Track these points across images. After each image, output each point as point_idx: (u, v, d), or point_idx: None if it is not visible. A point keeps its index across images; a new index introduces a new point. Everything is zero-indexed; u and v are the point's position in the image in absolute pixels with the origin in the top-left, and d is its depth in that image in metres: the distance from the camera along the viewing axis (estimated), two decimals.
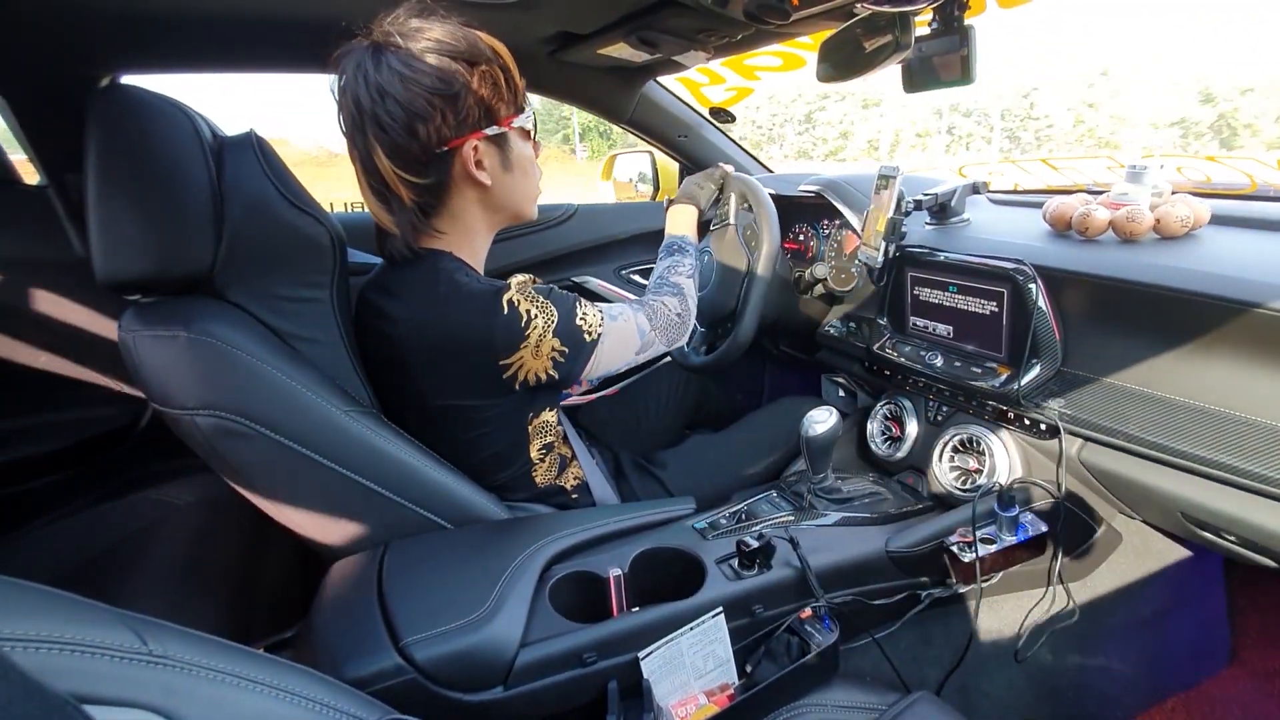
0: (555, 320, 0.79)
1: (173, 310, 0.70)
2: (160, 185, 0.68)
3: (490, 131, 0.78)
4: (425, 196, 0.79)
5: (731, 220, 1.30)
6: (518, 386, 0.81)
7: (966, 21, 0.91)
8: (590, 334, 0.82)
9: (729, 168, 1.30)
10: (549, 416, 0.90)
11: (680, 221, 1.15)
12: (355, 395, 0.79)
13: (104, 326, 1.11)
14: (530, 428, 0.88)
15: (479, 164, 0.79)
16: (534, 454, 0.89)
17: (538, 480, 0.90)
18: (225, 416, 0.68)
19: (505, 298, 0.76)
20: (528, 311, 0.77)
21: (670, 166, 1.83)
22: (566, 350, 0.81)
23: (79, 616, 0.35)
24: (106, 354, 1.11)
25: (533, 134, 0.86)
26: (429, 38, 0.73)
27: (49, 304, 1.09)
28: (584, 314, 0.83)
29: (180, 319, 0.68)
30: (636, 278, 1.72)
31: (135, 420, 1.20)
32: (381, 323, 0.81)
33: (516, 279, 0.80)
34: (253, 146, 0.75)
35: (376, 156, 0.75)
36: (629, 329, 0.89)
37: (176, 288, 0.72)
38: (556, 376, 0.82)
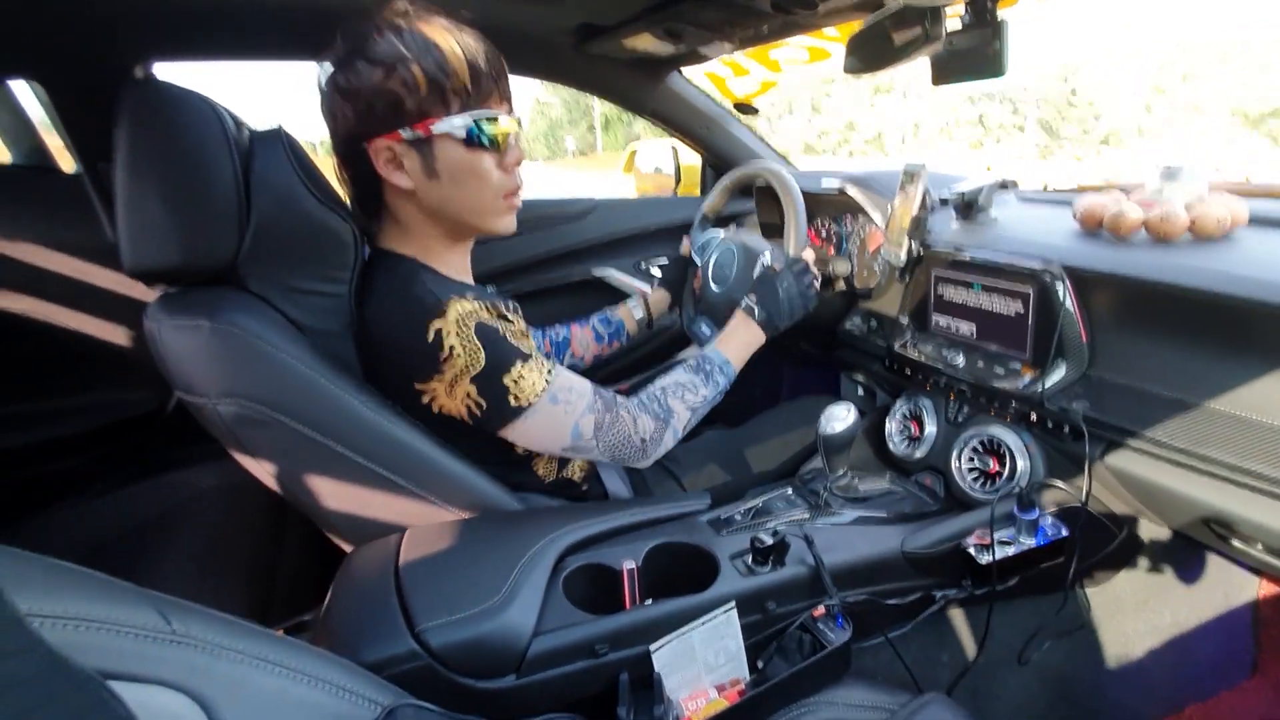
0: (479, 367, 0.75)
1: (197, 300, 0.71)
2: (187, 178, 0.69)
3: (405, 134, 0.74)
4: (358, 190, 0.81)
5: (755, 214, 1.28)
6: (436, 412, 0.79)
7: (1000, 14, 0.89)
8: (517, 399, 0.77)
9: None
10: None
11: (740, 338, 0.98)
12: (370, 386, 0.80)
13: (134, 312, 1.13)
14: None
15: (398, 166, 0.76)
16: (522, 449, 0.87)
17: (540, 473, 0.90)
18: (246, 405, 0.69)
19: (434, 324, 0.73)
20: (451, 347, 0.73)
21: (693, 159, 1.82)
22: (483, 403, 0.77)
23: (106, 595, 0.36)
24: (136, 339, 1.14)
25: (484, 141, 0.76)
26: (362, 34, 0.73)
27: (82, 289, 1.12)
28: (521, 375, 0.77)
29: (204, 309, 0.69)
30: (656, 271, 1.72)
31: (162, 405, 1.23)
32: (363, 315, 0.81)
33: (462, 307, 0.75)
34: (281, 142, 0.76)
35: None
36: (565, 421, 0.81)
37: (201, 278, 0.73)
38: (473, 424, 0.79)
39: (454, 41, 0.73)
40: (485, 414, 0.78)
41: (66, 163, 1.13)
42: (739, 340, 0.98)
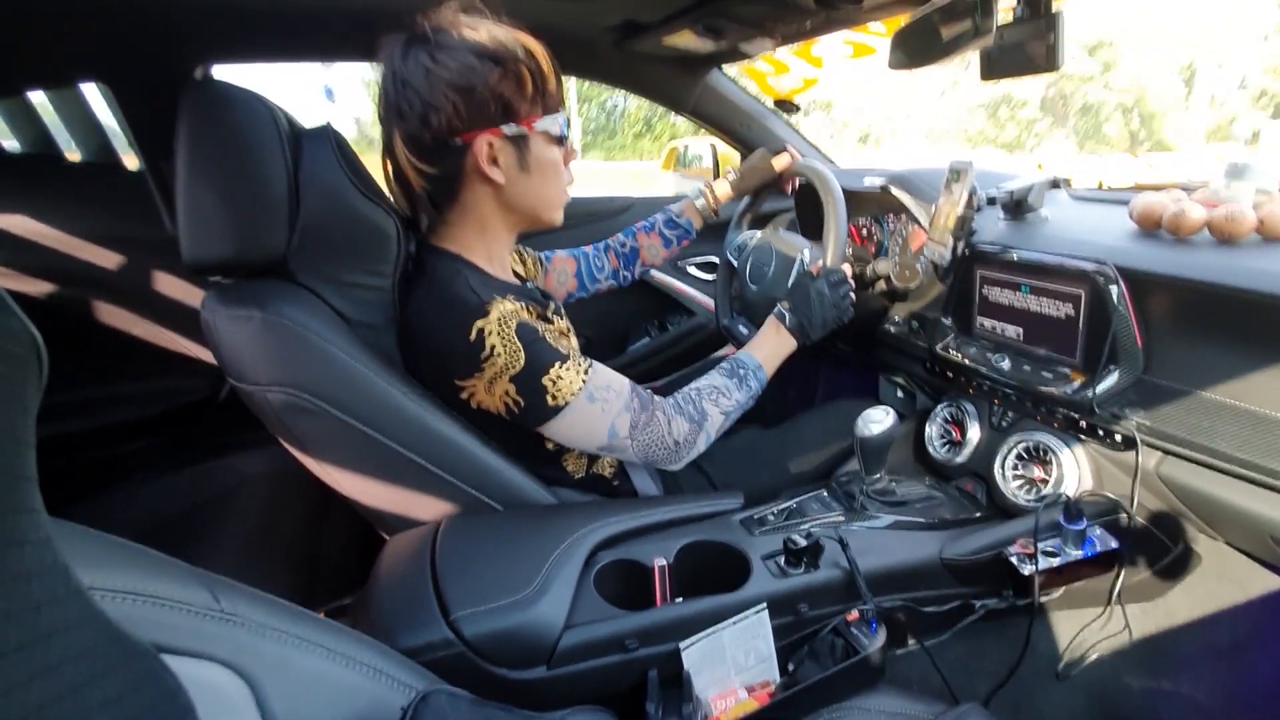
0: (519, 367, 0.76)
1: (249, 292, 0.74)
2: (242, 175, 0.72)
3: (508, 130, 0.77)
4: (435, 185, 0.80)
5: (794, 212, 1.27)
6: (475, 408, 0.80)
7: (1055, 8, 0.86)
8: (555, 398, 0.78)
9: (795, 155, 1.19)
10: None
11: (773, 342, 0.97)
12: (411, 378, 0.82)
13: (191, 303, 1.18)
14: None
15: (493, 161, 0.78)
16: (552, 445, 0.88)
17: (569, 468, 0.91)
18: (294, 393, 0.72)
19: (476, 324, 0.75)
20: (492, 346, 0.75)
21: (732, 156, 1.81)
22: (521, 401, 0.78)
23: (160, 572, 0.38)
24: (192, 330, 1.19)
25: (564, 139, 0.84)
26: (459, 33, 0.75)
27: (143, 280, 1.17)
28: (559, 376, 0.78)
29: (256, 301, 0.72)
30: (693, 270, 1.71)
31: (215, 392, 1.28)
32: (405, 310, 0.83)
33: (504, 307, 0.77)
34: (329, 139, 0.78)
35: (395, 142, 0.78)
36: (601, 420, 0.81)
37: (254, 270, 0.76)
38: (510, 420, 0.80)
39: (537, 44, 0.78)
40: (523, 411, 0.79)
41: (131, 161, 1.18)
42: (771, 346, 0.97)
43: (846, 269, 1.03)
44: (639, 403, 0.84)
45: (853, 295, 1.01)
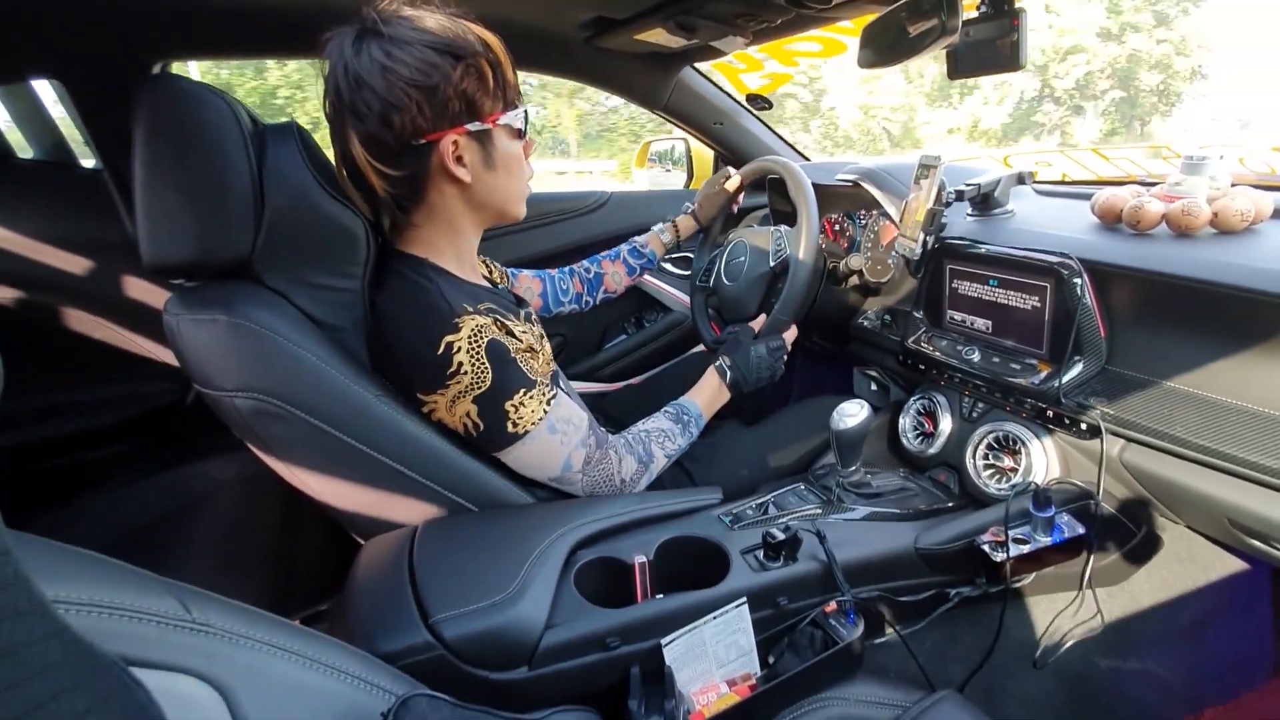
0: (484, 388, 0.75)
1: (214, 295, 0.72)
2: (203, 173, 0.70)
3: (473, 127, 0.75)
4: (400, 189, 0.77)
5: (765, 210, 1.28)
6: (434, 423, 0.79)
7: (1018, 4, 0.88)
8: (515, 425, 0.78)
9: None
10: None
11: (712, 392, 1.04)
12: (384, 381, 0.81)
13: (154, 305, 1.15)
14: None
15: (459, 159, 0.76)
16: None
17: None
18: (262, 399, 0.70)
19: (446, 338, 0.73)
20: (460, 364, 0.74)
21: (705, 153, 1.81)
22: (481, 424, 0.77)
23: (128, 583, 0.37)
24: (157, 332, 1.16)
25: (524, 132, 0.82)
26: (414, 26, 0.71)
27: (103, 283, 1.14)
28: (522, 403, 0.77)
29: (221, 303, 0.70)
30: (669, 266, 1.72)
31: (182, 398, 1.25)
32: (372, 316, 0.82)
33: (476, 322, 0.75)
34: (294, 136, 0.77)
35: (351, 144, 0.73)
36: (559, 452, 0.82)
37: (218, 273, 0.74)
38: (467, 441, 0.79)
39: (493, 36, 0.75)
40: (481, 435, 0.78)
41: (88, 159, 1.15)
42: (710, 395, 1.04)
43: (791, 335, 1.11)
44: (595, 439, 0.86)
45: (783, 361, 1.10)
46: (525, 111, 0.81)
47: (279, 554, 1.16)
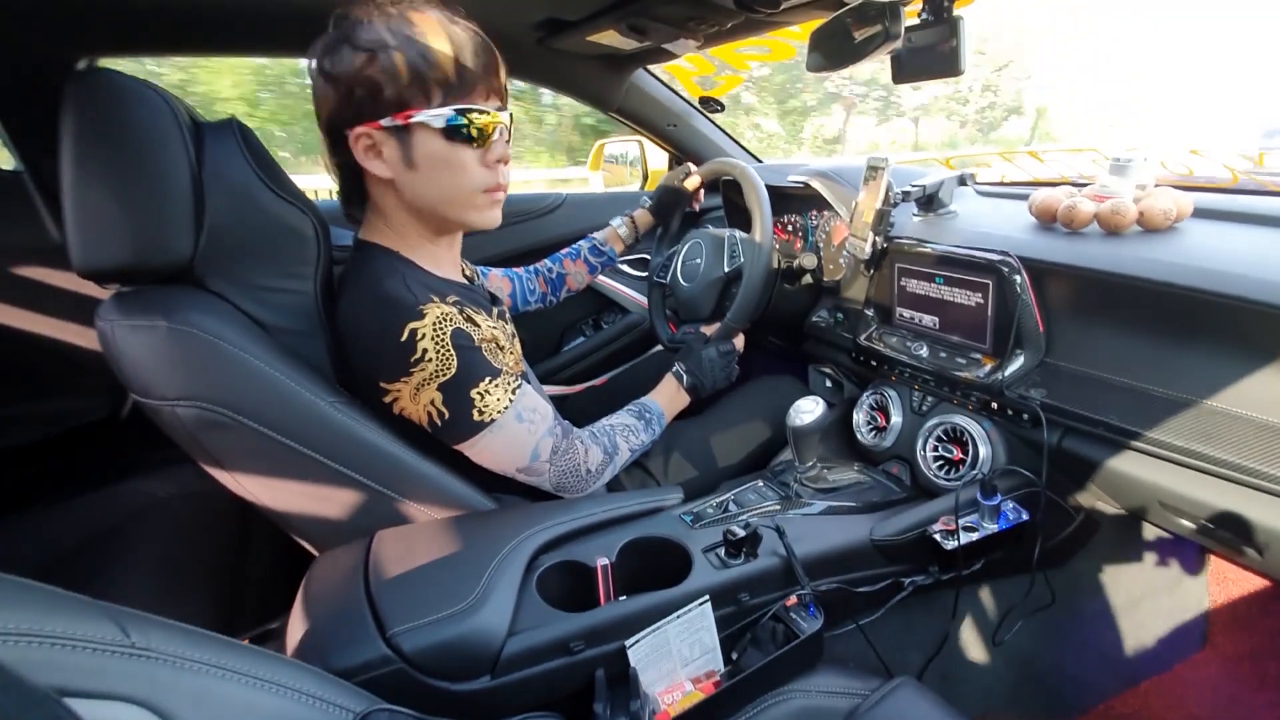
0: (448, 375, 0.74)
1: (153, 300, 0.69)
2: (138, 172, 0.66)
3: (384, 122, 0.72)
4: (341, 178, 0.80)
5: (722, 211, 1.30)
6: (397, 414, 0.78)
7: (956, 12, 0.91)
8: (481, 414, 0.77)
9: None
10: None
11: (671, 396, 1.07)
12: (339, 386, 0.79)
13: (82, 315, 1.09)
14: None
15: (377, 154, 0.74)
16: None
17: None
18: (207, 407, 0.67)
19: (409, 325, 0.72)
20: (424, 350, 0.73)
21: (659, 155, 1.82)
22: (445, 413, 0.76)
23: (59, 609, 0.35)
24: (86, 343, 1.09)
25: (466, 135, 0.75)
26: (352, 20, 0.72)
27: (24, 292, 1.07)
28: (487, 390, 0.76)
29: (160, 309, 0.67)
30: (625, 267, 1.72)
31: (116, 411, 1.19)
32: (338, 308, 0.81)
33: (440, 310, 0.74)
34: (234, 133, 0.74)
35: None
36: (526, 441, 0.81)
37: (157, 277, 0.71)
38: (431, 433, 0.78)
39: (442, 32, 0.72)
40: (446, 424, 0.77)
41: (5, 160, 1.08)
42: (669, 397, 1.06)
43: (740, 342, 1.14)
44: (561, 429, 0.86)
45: (735, 364, 1.14)
46: (456, 113, 0.73)
47: (224, 571, 1.11)
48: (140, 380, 0.69)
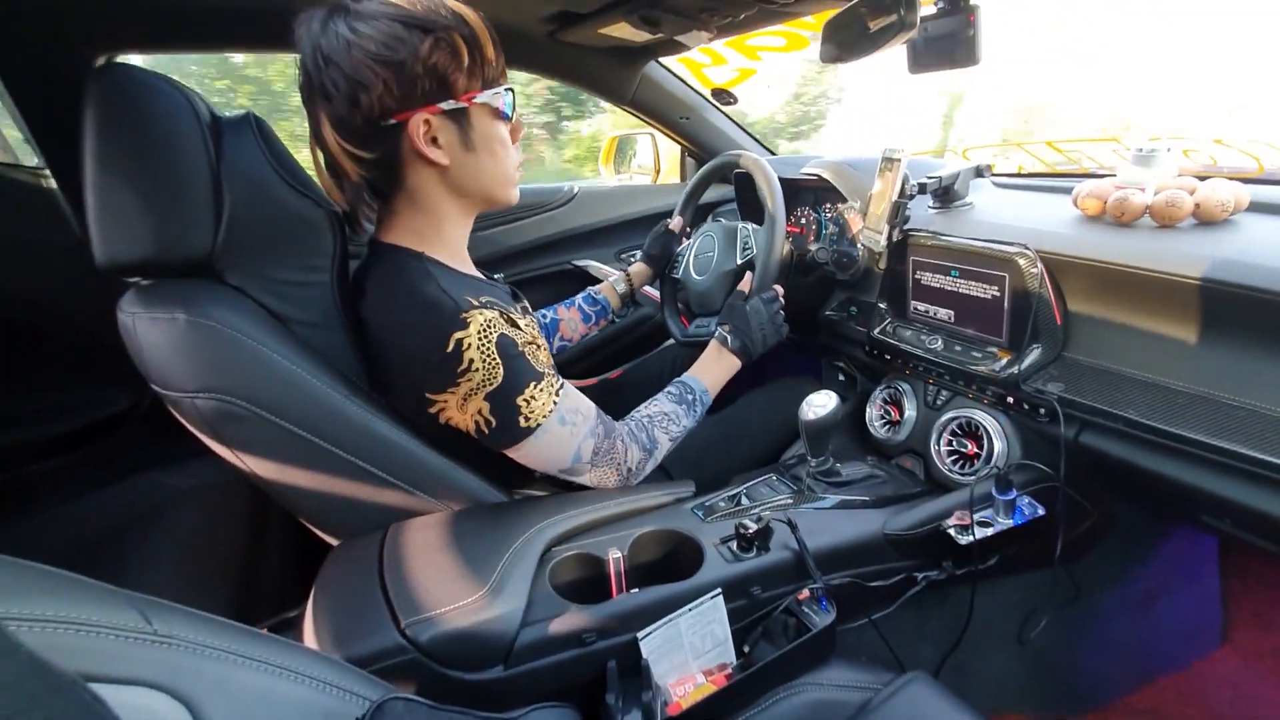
0: (496, 384, 0.73)
1: (172, 293, 0.70)
2: (158, 167, 0.67)
3: (445, 106, 0.71)
4: (374, 173, 0.74)
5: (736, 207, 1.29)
6: (444, 424, 0.77)
7: (973, 1, 0.90)
8: (527, 420, 0.76)
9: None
10: None
11: (715, 368, 1.00)
12: (355, 380, 0.80)
13: (104, 308, 1.11)
14: None
15: (433, 141, 0.73)
16: None
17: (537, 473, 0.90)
18: (225, 399, 0.68)
19: (455, 335, 0.71)
20: (471, 360, 0.71)
21: (672, 149, 1.81)
22: (493, 421, 0.75)
23: (84, 597, 0.36)
24: (108, 336, 1.11)
25: (510, 113, 0.78)
26: (384, 1, 0.69)
27: (48, 286, 1.09)
28: (533, 396, 0.76)
29: (180, 301, 0.68)
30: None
31: (137, 403, 1.21)
32: (361, 312, 0.80)
33: (484, 317, 0.72)
34: (251, 127, 0.74)
35: (323, 127, 0.71)
36: (569, 443, 0.81)
37: (176, 270, 0.72)
38: (479, 439, 0.78)
39: (467, 9, 0.72)
40: (494, 431, 0.76)
41: (29, 156, 1.10)
42: (717, 369, 1.01)
43: (779, 288, 1.08)
44: (603, 428, 0.85)
45: (782, 314, 1.07)
46: (510, 91, 0.77)
47: (243, 562, 1.13)
48: (160, 372, 0.70)
